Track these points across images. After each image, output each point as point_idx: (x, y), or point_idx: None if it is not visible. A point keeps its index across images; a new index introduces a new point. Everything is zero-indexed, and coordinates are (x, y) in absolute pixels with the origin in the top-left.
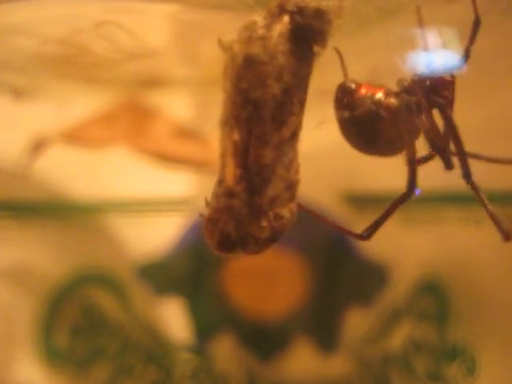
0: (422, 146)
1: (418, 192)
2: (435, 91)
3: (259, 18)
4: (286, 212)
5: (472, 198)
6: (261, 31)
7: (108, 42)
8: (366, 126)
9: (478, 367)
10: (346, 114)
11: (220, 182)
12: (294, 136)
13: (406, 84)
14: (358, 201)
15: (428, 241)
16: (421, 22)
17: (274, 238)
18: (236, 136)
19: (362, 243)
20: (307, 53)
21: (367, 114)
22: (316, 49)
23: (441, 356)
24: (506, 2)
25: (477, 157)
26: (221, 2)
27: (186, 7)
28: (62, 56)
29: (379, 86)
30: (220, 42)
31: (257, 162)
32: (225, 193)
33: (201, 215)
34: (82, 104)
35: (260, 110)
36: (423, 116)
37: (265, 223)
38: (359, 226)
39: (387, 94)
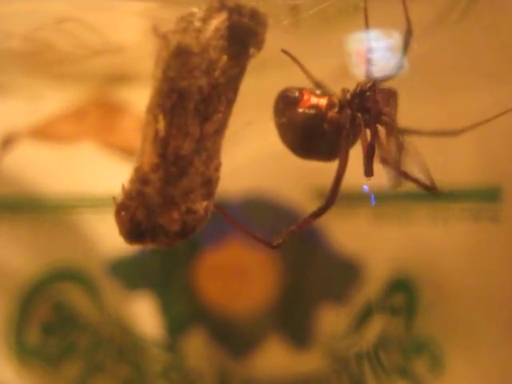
0: None
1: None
2: (374, 110)
3: (197, 10)
4: (200, 208)
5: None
6: (197, 23)
7: (74, 38)
8: (304, 134)
9: (444, 362)
10: (285, 121)
11: (137, 168)
12: (218, 133)
13: (347, 96)
14: None
15: (398, 237)
16: (367, 25)
17: (184, 233)
18: (158, 124)
19: (334, 239)
20: (241, 53)
21: (305, 123)
22: (252, 51)
23: (409, 351)
24: (466, 1)
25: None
26: None
27: (158, 4)
28: (28, 52)
29: (321, 95)
30: (155, 30)
31: (175, 153)
32: (139, 179)
33: (114, 199)
34: (51, 100)
35: (184, 101)
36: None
37: (176, 215)
38: (330, 223)
39: (328, 104)
